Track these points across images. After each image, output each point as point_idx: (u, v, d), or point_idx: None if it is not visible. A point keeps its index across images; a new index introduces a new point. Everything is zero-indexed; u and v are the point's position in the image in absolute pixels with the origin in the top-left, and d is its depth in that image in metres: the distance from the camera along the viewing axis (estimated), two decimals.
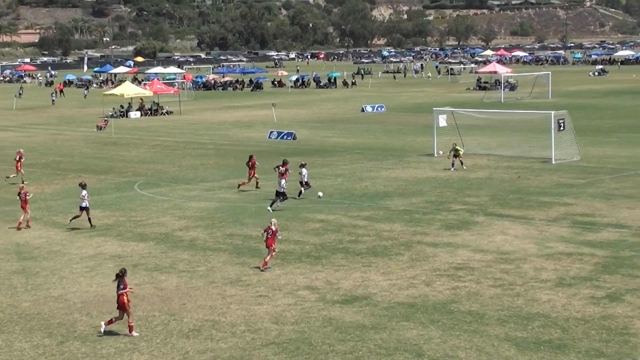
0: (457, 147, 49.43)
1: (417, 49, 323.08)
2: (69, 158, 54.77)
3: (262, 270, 28.88)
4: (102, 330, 23.16)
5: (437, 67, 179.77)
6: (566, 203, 39.05)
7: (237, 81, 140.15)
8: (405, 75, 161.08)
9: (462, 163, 49.19)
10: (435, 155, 54.65)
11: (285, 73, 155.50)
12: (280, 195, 38.92)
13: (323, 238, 33.45)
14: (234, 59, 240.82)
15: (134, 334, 23.00)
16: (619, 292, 25.66)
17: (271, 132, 68.60)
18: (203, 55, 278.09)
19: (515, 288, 26.26)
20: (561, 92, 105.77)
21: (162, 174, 51.11)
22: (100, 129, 77.49)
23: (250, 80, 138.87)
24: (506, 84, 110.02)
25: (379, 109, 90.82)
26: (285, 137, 66.36)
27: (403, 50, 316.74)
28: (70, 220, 36.38)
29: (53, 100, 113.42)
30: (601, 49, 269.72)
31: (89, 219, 36.16)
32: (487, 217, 36.40)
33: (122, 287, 23.21)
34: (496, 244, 31.76)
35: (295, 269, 29.13)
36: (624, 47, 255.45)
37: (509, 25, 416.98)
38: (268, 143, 64.46)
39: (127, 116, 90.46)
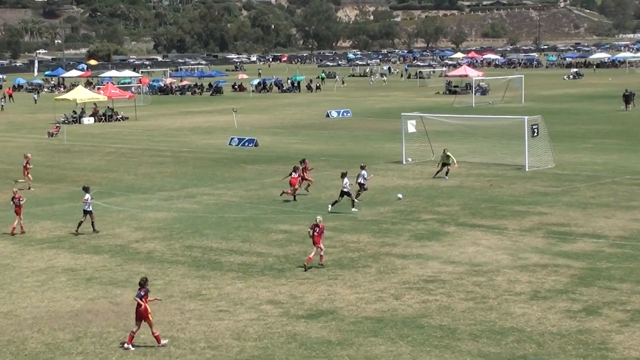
0: (449, 154, 48.03)
1: (385, 51, 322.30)
2: (19, 166, 53.59)
3: (305, 265, 29.68)
4: (130, 348, 22.60)
5: (406, 69, 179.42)
6: (540, 212, 38.80)
7: (195, 85, 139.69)
8: (373, 80, 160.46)
9: (446, 172, 48.00)
10: (404, 162, 54.31)
11: (246, 77, 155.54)
12: (345, 194, 39.37)
13: (287, 250, 33.05)
14: (192, 62, 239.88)
15: (164, 342, 22.74)
16: (596, 305, 25.43)
17: (232, 138, 67.80)
18: (160, 58, 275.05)
19: (488, 301, 25.96)
20: (535, 97, 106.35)
21: (117, 182, 50.45)
22: (52, 136, 76.37)
23: (210, 85, 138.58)
24: (477, 88, 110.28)
25: (345, 114, 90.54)
26: (246, 144, 65.57)
27: (369, 52, 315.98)
28: (77, 229, 36.42)
29: (2, 106, 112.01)
30: (576, 51, 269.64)
31: (93, 224, 36.40)
32: (459, 227, 36.08)
33: (143, 295, 22.80)
34: (468, 256, 31.42)
35: (257, 282, 28.66)
36: (599, 50, 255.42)
37: (479, 27, 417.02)
38: (228, 150, 63.89)
39: (80, 122, 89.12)
